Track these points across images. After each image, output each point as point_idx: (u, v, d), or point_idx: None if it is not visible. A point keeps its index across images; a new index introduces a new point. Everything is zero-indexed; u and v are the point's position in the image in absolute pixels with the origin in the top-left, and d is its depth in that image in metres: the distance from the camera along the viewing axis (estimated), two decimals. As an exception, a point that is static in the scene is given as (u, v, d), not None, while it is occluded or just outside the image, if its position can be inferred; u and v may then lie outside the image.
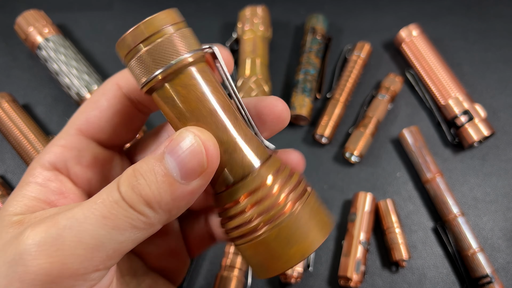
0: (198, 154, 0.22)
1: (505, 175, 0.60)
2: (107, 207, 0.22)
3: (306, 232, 0.24)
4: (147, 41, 0.23)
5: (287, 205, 0.24)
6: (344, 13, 0.73)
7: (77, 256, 0.21)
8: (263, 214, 0.24)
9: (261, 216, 0.24)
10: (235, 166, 0.24)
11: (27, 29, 0.63)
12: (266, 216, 0.24)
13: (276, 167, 0.25)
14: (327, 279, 0.55)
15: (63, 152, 0.27)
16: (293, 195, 0.24)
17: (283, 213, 0.24)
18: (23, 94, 0.65)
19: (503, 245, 0.56)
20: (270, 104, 0.28)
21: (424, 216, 0.58)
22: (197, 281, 0.54)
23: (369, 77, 0.67)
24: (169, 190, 0.22)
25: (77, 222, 0.22)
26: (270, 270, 0.24)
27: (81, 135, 0.27)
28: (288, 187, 0.24)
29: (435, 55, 0.64)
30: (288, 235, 0.24)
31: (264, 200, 0.24)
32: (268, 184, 0.24)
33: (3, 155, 0.61)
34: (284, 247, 0.24)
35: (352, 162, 0.61)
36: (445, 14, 0.72)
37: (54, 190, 0.26)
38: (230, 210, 0.25)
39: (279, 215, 0.24)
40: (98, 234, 0.22)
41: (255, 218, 0.24)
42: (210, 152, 0.23)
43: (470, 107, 0.60)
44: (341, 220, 0.58)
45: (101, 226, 0.22)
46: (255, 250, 0.24)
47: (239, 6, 0.68)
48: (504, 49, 0.69)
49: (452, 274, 0.55)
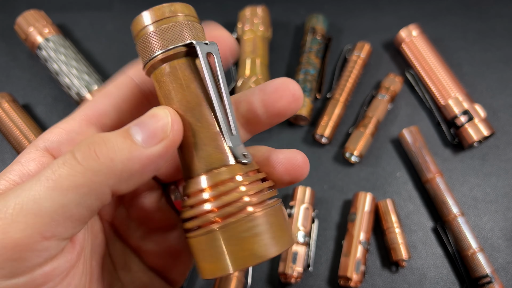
0: (164, 119, 0.23)
1: (505, 175, 0.60)
2: (53, 169, 0.21)
3: (260, 239, 0.23)
4: (158, 23, 0.24)
5: (248, 206, 0.24)
6: (344, 13, 0.73)
7: (18, 224, 0.20)
8: (221, 208, 0.24)
9: (218, 210, 0.24)
10: (202, 158, 0.24)
11: (27, 29, 0.63)
12: (223, 211, 0.23)
13: (248, 169, 0.25)
14: (327, 279, 0.55)
15: (60, 134, 0.26)
16: (257, 199, 0.24)
17: (242, 212, 0.23)
18: (23, 94, 0.65)
19: (503, 245, 0.56)
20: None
21: (424, 216, 0.58)
22: (197, 281, 0.54)
23: (369, 77, 0.67)
24: (127, 148, 0.22)
25: (22, 189, 0.21)
26: (215, 270, 0.24)
27: (84, 121, 0.27)
28: (255, 190, 0.24)
29: (435, 55, 0.64)
30: (241, 237, 0.23)
31: (225, 195, 0.24)
32: (235, 180, 0.24)
33: (3, 155, 0.61)
34: (233, 248, 0.23)
35: (352, 162, 0.61)
36: (445, 14, 0.72)
37: (30, 170, 0.25)
38: (191, 200, 0.25)
39: (237, 213, 0.23)
40: (39, 197, 0.21)
41: (213, 211, 0.24)
42: (176, 123, 0.23)
43: (470, 107, 0.60)
44: (341, 220, 0.58)
45: (43, 189, 0.21)
46: (205, 244, 0.24)
47: (239, 6, 0.68)
48: (504, 49, 0.69)
49: (452, 274, 0.55)
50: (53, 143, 0.26)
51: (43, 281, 0.22)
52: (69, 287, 0.24)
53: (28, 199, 0.21)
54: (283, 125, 0.64)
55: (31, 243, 0.21)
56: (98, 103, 0.27)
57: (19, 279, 0.21)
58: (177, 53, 0.24)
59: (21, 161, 0.25)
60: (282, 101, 0.27)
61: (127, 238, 0.31)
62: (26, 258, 0.21)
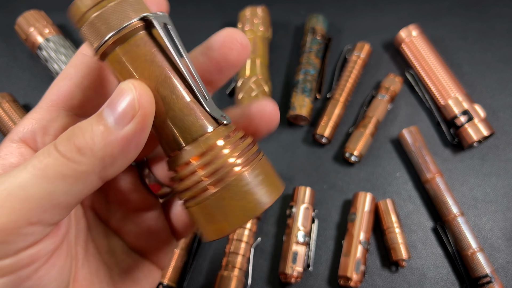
0: (129, 95, 0.22)
1: (504, 175, 0.60)
2: (39, 158, 0.22)
3: (253, 193, 0.24)
4: (97, 6, 0.23)
5: (236, 166, 0.24)
6: (344, 13, 0.73)
7: (4, 209, 0.21)
8: (212, 175, 0.24)
9: (210, 177, 0.24)
10: (184, 130, 0.25)
11: (27, 29, 0.63)
12: (214, 177, 0.24)
13: (228, 131, 0.26)
14: (327, 278, 0.55)
15: (32, 124, 0.26)
16: (243, 158, 0.25)
17: (232, 174, 0.24)
18: (24, 94, 0.65)
19: (502, 245, 0.56)
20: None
21: (423, 216, 0.58)
22: (198, 280, 0.55)
23: (369, 77, 0.67)
24: (102, 135, 0.22)
25: (8, 176, 0.22)
26: (218, 231, 0.25)
27: (52, 107, 0.27)
28: (239, 151, 0.25)
29: (434, 55, 0.64)
30: (236, 195, 0.24)
31: (213, 161, 0.24)
32: (218, 146, 0.25)
33: (4, 155, 0.61)
34: (231, 207, 0.24)
35: (352, 162, 0.61)
36: (445, 14, 0.72)
37: (12, 163, 0.25)
38: (181, 173, 0.25)
39: (228, 176, 0.24)
40: (26, 185, 0.21)
41: (204, 179, 0.24)
42: (142, 96, 0.23)
43: (470, 107, 0.60)
44: (341, 220, 0.58)
45: (30, 177, 0.21)
46: (204, 210, 0.25)
47: (239, 7, 0.68)
48: (503, 49, 0.69)
49: (452, 274, 0.55)
50: (27, 133, 0.26)
51: (28, 262, 0.22)
52: (54, 267, 0.24)
53: (14, 186, 0.21)
54: (283, 125, 0.64)
55: (17, 228, 0.21)
56: (61, 86, 0.27)
57: (4, 261, 0.21)
58: (131, 30, 0.23)
59: (0, 155, 0.26)
60: (232, 52, 0.27)
61: (107, 221, 0.31)
62: (12, 241, 0.21)
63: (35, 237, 0.22)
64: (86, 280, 0.28)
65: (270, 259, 0.56)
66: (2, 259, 0.21)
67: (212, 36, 0.27)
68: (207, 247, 0.56)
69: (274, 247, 0.56)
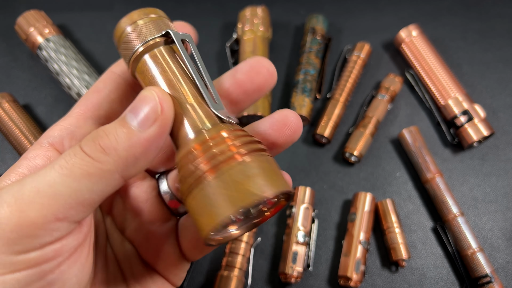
0: (152, 101, 0.25)
1: (504, 175, 0.60)
2: (66, 158, 0.24)
3: (253, 180, 0.24)
4: (133, 25, 0.29)
5: (237, 154, 0.24)
6: (344, 13, 0.73)
7: (34, 204, 0.22)
8: (211, 160, 0.24)
9: (208, 162, 0.24)
10: (192, 122, 0.27)
11: (27, 29, 0.63)
12: (213, 162, 0.24)
13: (233, 128, 0.27)
14: (327, 278, 0.55)
15: (60, 130, 0.29)
16: (246, 148, 0.25)
17: (232, 160, 0.24)
18: (24, 94, 0.65)
19: (502, 245, 0.56)
20: (255, 63, 0.30)
21: (423, 216, 0.58)
22: (198, 280, 0.55)
23: (369, 77, 0.68)
24: (126, 136, 0.24)
25: (37, 175, 0.23)
26: (213, 219, 0.23)
27: (80, 115, 0.30)
28: (242, 142, 0.25)
29: (434, 55, 0.65)
30: (234, 180, 0.24)
31: (214, 147, 0.25)
32: (222, 135, 0.25)
33: (4, 155, 0.61)
34: (228, 191, 0.23)
35: (352, 162, 0.61)
36: (445, 14, 0.72)
37: (38, 164, 0.27)
38: (182, 161, 0.26)
39: (227, 161, 0.24)
40: (54, 182, 0.23)
41: (203, 165, 0.24)
42: (164, 100, 0.25)
43: (470, 107, 0.60)
44: (341, 220, 0.58)
45: (58, 176, 0.23)
46: (200, 198, 0.24)
47: (239, 7, 0.68)
48: (503, 49, 0.69)
49: (452, 274, 0.55)
50: (55, 138, 0.28)
51: (52, 256, 0.24)
52: (76, 264, 0.25)
53: (44, 184, 0.23)
54: (283, 125, 0.64)
55: (45, 223, 0.23)
56: (89, 98, 0.30)
57: (31, 254, 0.23)
58: (156, 43, 0.28)
59: (28, 156, 0.27)
60: (259, 77, 0.30)
61: (123, 229, 0.32)
62: (40, 235, 0.23)
63: (61, 232, 0.23)
64: (103, 285, 0.29)
65: (270, 259, 0.56)
66: (29, 252, 0.23)
67: (242, 61, 0.30)
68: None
69: (274, 247, 0.56)
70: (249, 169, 0.24)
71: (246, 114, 0.58)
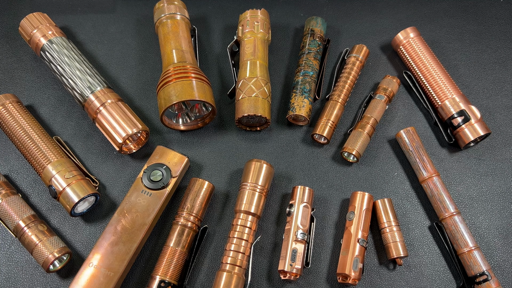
0: None
1: (500, 175, 0.61)
2: None
3: (193, 87, 0.57)
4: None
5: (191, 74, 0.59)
6: (342, 16, 0.74)
7: None
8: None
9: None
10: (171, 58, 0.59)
11: (31, 31, 0.64)
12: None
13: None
14: (326, 276, 0.56)
15: None
16: (197, 73, 0.53)
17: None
18: (27, 95, 0.66)
19: (498, 243, 0.57)
20: None
21: (421, 215, 0.59)
22: (198, 278, 0.55)
23: (367, 79, 0.68)
24: None
25: None
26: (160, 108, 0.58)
27: None
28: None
29: (431, 57, 0.65)
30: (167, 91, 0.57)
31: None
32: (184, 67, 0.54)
33: (8, 155, 0.62)
34: (178, 88, 0.57)
35: (350, 161, 0.62)
36: (442, 16, 0.73)
37: None
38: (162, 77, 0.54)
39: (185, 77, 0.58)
40: None
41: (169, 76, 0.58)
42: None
43: (466, 108, 0.61)
44: (339, 218, 0.59)
45: None
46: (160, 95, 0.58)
47: (240, 9, 0.69)
48: (499, 50, 0.70)
49: (449, 271, 0.56)
50: None
51: None
52: None
53: None
54: (283, 125, 0.65)
55: None
56: None
57: None
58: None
59: None
60: None
61: None
62: None
63: None
64: None
65: (270, 257, 0.57)
66: None
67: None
68: (208, 245, 0.57)
69: (273, 245, 0.57)
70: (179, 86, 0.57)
71: (247, 114, 0.59)
